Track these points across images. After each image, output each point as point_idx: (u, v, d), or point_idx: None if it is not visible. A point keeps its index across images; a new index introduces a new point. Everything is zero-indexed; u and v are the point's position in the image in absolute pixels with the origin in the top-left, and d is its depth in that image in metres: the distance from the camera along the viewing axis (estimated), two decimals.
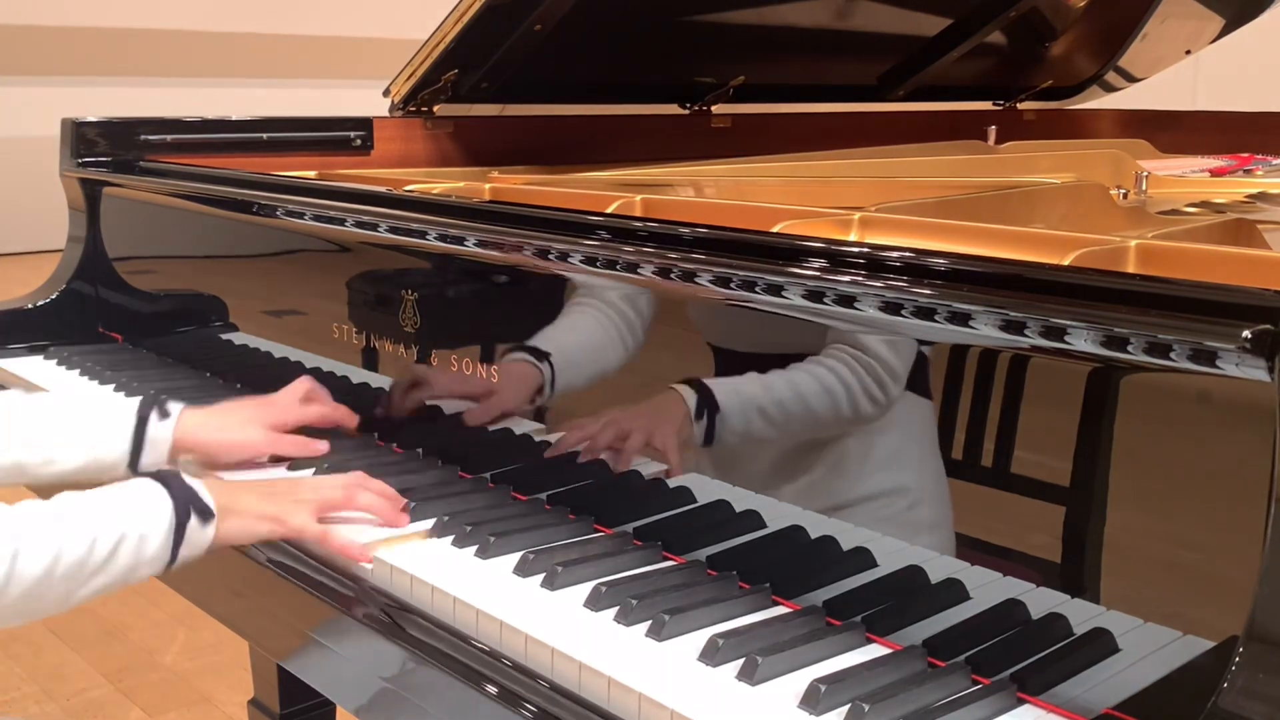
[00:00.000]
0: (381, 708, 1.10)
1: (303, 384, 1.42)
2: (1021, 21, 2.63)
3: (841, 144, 2.36)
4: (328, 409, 1.42)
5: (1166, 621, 0.85)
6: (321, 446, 1.36)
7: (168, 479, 1.11)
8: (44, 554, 1.00)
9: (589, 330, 1.23)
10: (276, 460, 1.36)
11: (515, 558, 1.11)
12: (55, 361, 1.82)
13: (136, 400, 1.31)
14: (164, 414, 1.31)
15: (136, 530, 1.06)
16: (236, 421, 1.35)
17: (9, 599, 0.98)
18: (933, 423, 0.97)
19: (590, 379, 1.26)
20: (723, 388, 1.13)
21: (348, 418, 1.43)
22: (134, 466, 1.29)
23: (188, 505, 1.10)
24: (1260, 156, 2.59)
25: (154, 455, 1.30)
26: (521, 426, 1.30)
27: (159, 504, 1.08)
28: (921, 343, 0.97)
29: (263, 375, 1.67)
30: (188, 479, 1.13)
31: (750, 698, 0.89)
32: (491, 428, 1.33)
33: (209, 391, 1.62)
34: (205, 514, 1.11)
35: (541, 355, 1.27)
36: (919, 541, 0.99)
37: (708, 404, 1.14)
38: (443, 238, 1.37)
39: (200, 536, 1.10)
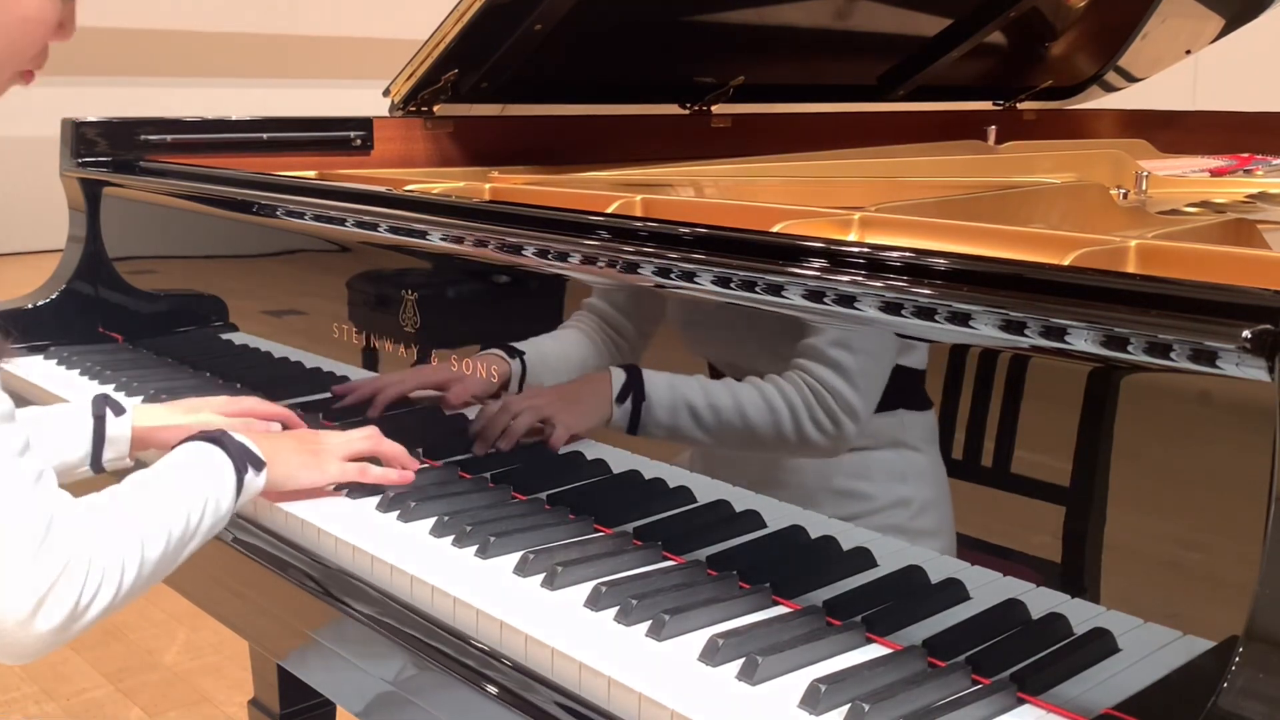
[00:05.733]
0: (381, 707, 1.10)
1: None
2: (1021, 21, 2.63)
3: (841, 144, 2.36)
4: (268, 403, 1.44)
5: (1166, 621, 0.85)
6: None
7: (219, 438, 1.19)
8: (160, 537, 1.07)
9: (575, 341, 1.24)
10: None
11: (515, 558, 1.11)
12: (55, 361, 1.82)
13: (88, 401, 1.33)
14: (119, 411, 1.33)
15: (215, 493, 1.14)
16: (186, 408, 1.39)
17: (141, 581, 1.05)
18: (935, 436, 0.97)
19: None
20: (657, 378, 1.13)
21: (289, 415, 1.44)
22: (96, 465, 1.31)
23: (244, 459, 1.18)
24: (1260, 156, 2.59)
25: (115, 451, 1.32)
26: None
27: (221, 464, 1.17)
28: (930, 348, 0.97)
29: (263, 375, 1.67)
30: (235, 435, 1.20)
31: (750, 698, 0.89)
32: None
33: (209, 392, 1.62)
34: (258, 465, 1.20)
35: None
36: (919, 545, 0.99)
37: (634, 389, 1.13)
38: (443, 238, 1.37)
39: (254, 485, 1.19)
